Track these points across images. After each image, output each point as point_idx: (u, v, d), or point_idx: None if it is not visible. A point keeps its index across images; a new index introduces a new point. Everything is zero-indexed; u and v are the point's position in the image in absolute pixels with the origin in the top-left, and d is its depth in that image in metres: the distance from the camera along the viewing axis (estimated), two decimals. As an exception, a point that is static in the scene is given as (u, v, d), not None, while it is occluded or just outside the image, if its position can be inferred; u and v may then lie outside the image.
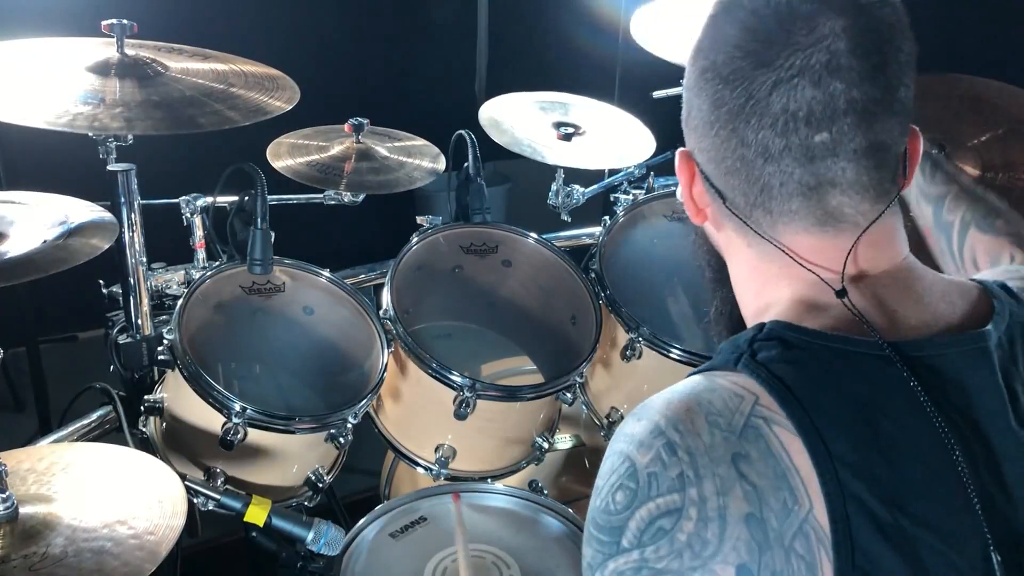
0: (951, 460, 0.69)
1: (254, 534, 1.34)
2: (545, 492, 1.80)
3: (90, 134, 1.37)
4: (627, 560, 0.68)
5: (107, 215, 1.38)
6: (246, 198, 1.62)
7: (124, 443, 1.45)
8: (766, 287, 0.81)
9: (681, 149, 0.84)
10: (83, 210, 1.35)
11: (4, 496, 1.06)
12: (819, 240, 0.77)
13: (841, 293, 0.75)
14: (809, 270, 0.77)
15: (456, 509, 1.47)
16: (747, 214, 0.79)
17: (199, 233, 1.62)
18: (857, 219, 0.76)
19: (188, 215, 1.61)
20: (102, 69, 1.45)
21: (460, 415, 1.55)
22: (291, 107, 1.52)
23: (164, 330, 1.48)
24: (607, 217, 1.92)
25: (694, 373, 0.76)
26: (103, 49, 1.49)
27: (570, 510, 1.56)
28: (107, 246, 1.30)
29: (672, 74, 2.03)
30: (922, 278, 0.79)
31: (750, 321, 0.84)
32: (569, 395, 1.65)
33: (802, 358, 0.72)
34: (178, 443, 1.51)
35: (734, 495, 0.66)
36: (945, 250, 1.18)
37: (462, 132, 1.90)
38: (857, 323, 0.73)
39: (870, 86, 0.72)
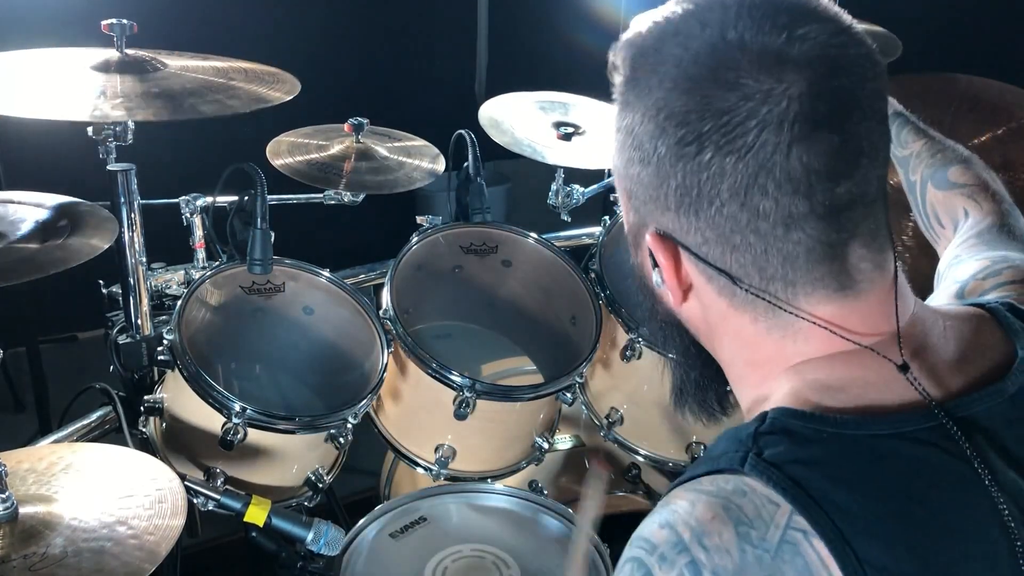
0: (1005, 535, 0.63)
1: (254, 534, 1.34)
2: (545, 492, 1.80)
3: (89, 131, 1.37)
4: None
5: (107, 215, 1.38)
6: (246, 198, 1.62)
7: (124, 443, 1.45)
8: (774, 366, 0.71)
9: (651, 232, 0.71)
10: (83, 210, 1.35)
11: (4, 496, 1.06)
12: (839, 308, 0.68)
13: (904, 368, 0.67)
14: (863, 345, 0.68)
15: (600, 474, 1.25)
16: (762, 289, 0.68)
17: (199, 233, 1.62)
18: (873, 275, 0.68)
19: (188, 215, 1.61)
20: (103, 67, 1.45)
21: (460, 415, 1.55)
22: (291, 97, 1.51)
23: (164, 330, 1.48)
24: (607, 217, 1.92)
25: (700, 472, 0.67)
26: (103, 52, 1.50)
27: (570, 510, 1.56)
28: (107, 246, 1.30)
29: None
30: (934, 326, 0.72)
31: (748, 403, 0.75)
32: (569, 395, 1.65)
33: (816, 454, 0.63)
34: (178, 443, 1.51)
35: None
36: (916, 212, 1.12)
37: (462, 132, 1.90)
38: (872, 401, 0.67)
39: (876, 120, 0.66)
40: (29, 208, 1.34)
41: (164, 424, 1.54)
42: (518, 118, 1.98)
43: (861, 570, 0.59)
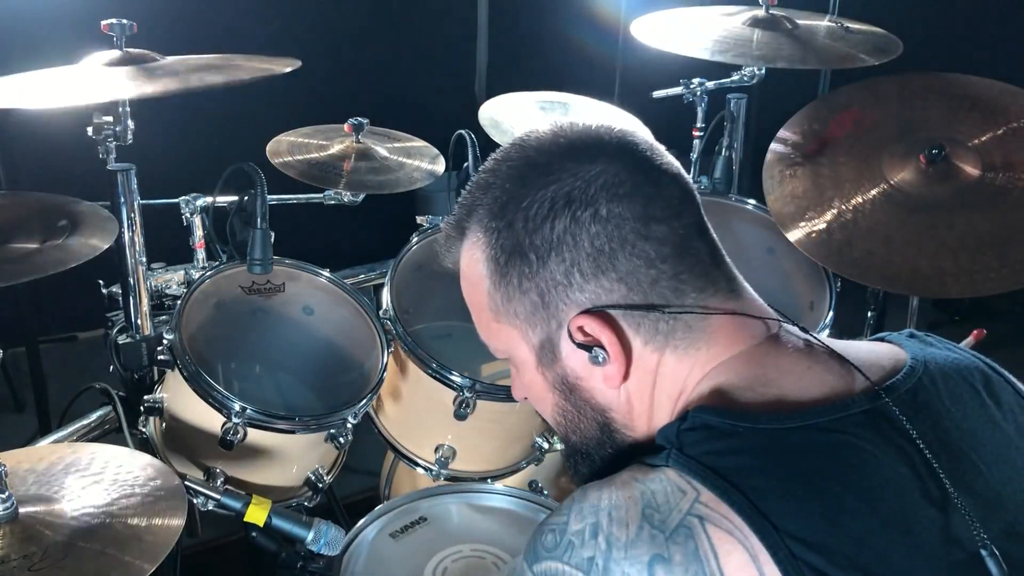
0: (921, 501, 0.69)
1: (254, 534, 1.33)
2: (545, 492, 1.80)
3: (89, 131, 1.37)
4: None
5: (107, 215, 1.38)
6: (246, 198, 1.62)
7: (124, 443, 1.45)
8: (691, 380, 0.78)
9: (581, 315, 0.77)
10: (83, 210, 1.35)
11: (4, 496, 1.06)
12: (738, 305, 0.79)
13: (839, 355, 0.78)
14: (783, 320, 0.81)
15: None
16: (682, 305, 0.77)
17: (199, 233, 1.62)
18: (742, 282, 0.82)
19: (188, 215, 1.61)
20: (105, 63, 1.45)
21: (460, 415, 1.55)
22: (291, 70, 1.52)
23: (164, 330, 1.48)
24: (607, 217, 1.92)
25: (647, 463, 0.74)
26: (105, 54, 1.50)
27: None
28: (107, 246, 1.30)
29: (673, 73, 2.04)
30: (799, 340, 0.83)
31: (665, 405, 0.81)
32: (569, 395, 1.65)
33: (732, 445, 0.70)
34: (178, 443, 1.51)
35: None
36: None
37: (462, 132, 1.90)
38: (779, 396, 0.73)
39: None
40: (29, 208, 1.34)
41: (164, 424, 1.54)
42: (518, 118, 1.98)
43: (780, 541, 0.64)
